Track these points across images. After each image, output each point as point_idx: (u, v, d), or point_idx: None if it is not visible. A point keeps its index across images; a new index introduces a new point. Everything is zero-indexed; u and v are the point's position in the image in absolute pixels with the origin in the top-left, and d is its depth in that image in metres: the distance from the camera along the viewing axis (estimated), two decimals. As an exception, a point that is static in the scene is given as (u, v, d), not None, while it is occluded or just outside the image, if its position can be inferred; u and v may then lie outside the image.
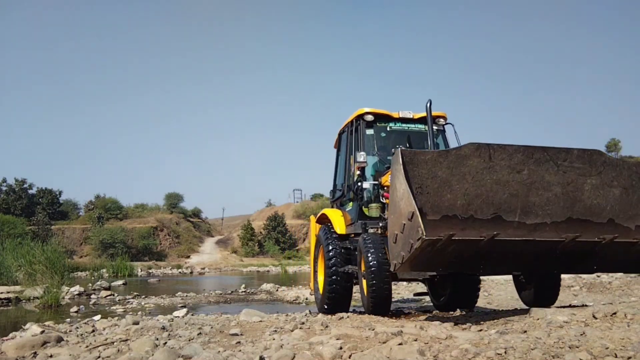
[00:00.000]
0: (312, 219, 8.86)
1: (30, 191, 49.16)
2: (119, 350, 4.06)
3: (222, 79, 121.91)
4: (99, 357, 3.91)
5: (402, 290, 10.89)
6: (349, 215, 7.21)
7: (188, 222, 54.34)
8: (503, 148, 4.61)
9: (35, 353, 4.23)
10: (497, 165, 4.57)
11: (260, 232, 50.16)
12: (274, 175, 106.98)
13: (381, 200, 6.46)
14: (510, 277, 10.52)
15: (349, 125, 7.57)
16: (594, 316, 3.79)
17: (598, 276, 12.23)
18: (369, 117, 7.11)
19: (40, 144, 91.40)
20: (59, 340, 4.81)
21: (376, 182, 6.69)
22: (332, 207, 8.33)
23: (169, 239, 49.51)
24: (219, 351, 3.72)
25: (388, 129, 7.21)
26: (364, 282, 5.95)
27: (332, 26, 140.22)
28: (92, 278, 22.13)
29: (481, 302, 8.11)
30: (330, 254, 7.04)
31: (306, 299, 11.30)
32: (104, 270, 26.06)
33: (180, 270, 35.24)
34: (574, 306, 5.31)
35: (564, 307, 5.23)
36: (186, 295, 13.12)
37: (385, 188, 6.30)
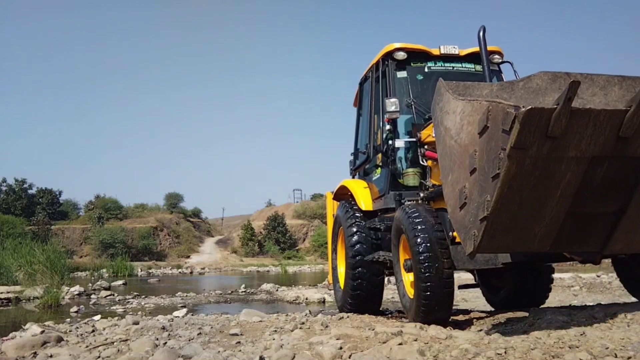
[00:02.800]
0: (328, 195, 7.35)
1: (30, 191, 49.20)
2: (119, 350, 4.05)
3: (222, 80, 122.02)
4: (99, 357, 3.91)
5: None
6: (377, 186, 5.72)
7: (188, 222, 54.33)
8: (591, 79, 3.48)
9: (35, 353, 4.23)
10: (589, 103, 3.36)
11: (260, 232, 50.17)
12: (274, 175, 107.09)
13: (421, 162, 4.97)
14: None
15: (374, 69, 5.87)
16: (594, 316, 3.79)
17: (598, 276, 12.24)
18: (401, 55, 5.48)
19: (40, 144, 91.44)
20: (59, 340, 4.81)
21: (413, 139, 5.16)
22: (353, 177, 6.70)
23: (169, 239, 49.51)
24: (219, 351, 3.72)
25: (426, 69, 5.56)
26: (406, 275, 4.58)
27: (332, 26, 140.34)
28: (92, 278, 22.12)
29: (481, 302, 8.11)
30: (353, 237, 5.61)
31: (306, 298, 11.30)
32: (104, 270, 26.06)
33: (180, 270, 35.25)
34: (574, 306, 5.31)
35: (564, 307, 5.23)
36: (186, 295, 13.12)
37: (427, 146, 4.85)
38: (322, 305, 10.28)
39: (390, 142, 5.31)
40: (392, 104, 4.95)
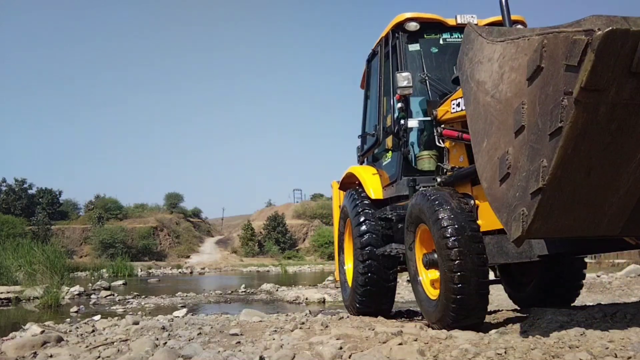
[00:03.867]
0: (334, 185, 6.95)
1: (30, 191, 49.26)
2: (119, 350, 4.05)
3: (221, 79, 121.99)
4: (99, 357, 3.91)
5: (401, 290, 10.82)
6: (387, 172, 5.29)
7: (188, 222, 54.36)
8: None
9: (35, 353, 4.23)
10: None
11: (260, 232, 50.18)
12: (274, 175, 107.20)
13: (437, 143, 4.52)
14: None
15: (383, 43, 5.47)
16: (593, 316, 3.79)
17: (598, 276, 12.26)
18: (413, 26, 5.02)
19: (40, 144, 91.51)
20: (59, 340, 4.81)
21: (428, 118, 4.71)
22: (361, 164, 6.27)
23: (169, 239, 49.52)
24: (219, 351, 3.72)
25: (441, 42, 5.14)
26: (425, 273, 4.05)
27: (333, 25, 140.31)
28: (92, 278, 22.11)
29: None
30: (362, 228, 5.18)
31: (306, 298, 11.29)
32: (104, 270, 26.07)
33: (180, 270, 35.24)
34: (574, 306, 5.31)
35: (564, 307, 5.23)
36: (186, 295, 13.12)
37: (444, 125, 4.41)
38: (322, 305, 10.29)
39: (402, 122, 4.85)
40: (404, 79, 4.49)
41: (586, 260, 5.31)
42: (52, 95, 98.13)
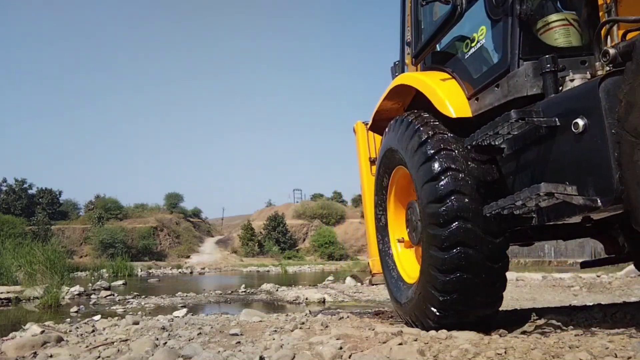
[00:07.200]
0: (359, 127, 5.24)
1: (30, 191, 49.30)
2: (119, 350, 4.05)
3: (222, 78, 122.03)
4: (99, 357, 3.91)
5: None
6: (477, 70, 3.09)
7: (188, 222, 54.38)
8: None
9: (35, 353, 4.23)
10: None
11: (260, 232, 50.20)
12: (274, 175, 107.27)
13: None
14: (510, 276, 10.42)
15: None
16: (593, 316, 3.79)
17: (598, 276, 12.26)
18: None
19: (40, 144, 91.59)
20: (59, 340, 4.81)
21: None
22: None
23: (169, 239, 49.54)
24: (219, 351, 3.72)
25: None
26: None
27: (335, 23, 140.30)
28: (92, 278, 22.09)
29: (481, 302, 8.09)
30: (436, 166, 2.98)
31: (306, 298, 11.28)
32: (104, 270, 26.06)
33: (180, 270, 35.26)
34: (574, 306, 5.31)
35: (564, 307, 5.23)
36: (186, 295, 13.12)
37: None
38: (322, 305, 10.28)
39: None
40: None
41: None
42: (52, 94, 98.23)
